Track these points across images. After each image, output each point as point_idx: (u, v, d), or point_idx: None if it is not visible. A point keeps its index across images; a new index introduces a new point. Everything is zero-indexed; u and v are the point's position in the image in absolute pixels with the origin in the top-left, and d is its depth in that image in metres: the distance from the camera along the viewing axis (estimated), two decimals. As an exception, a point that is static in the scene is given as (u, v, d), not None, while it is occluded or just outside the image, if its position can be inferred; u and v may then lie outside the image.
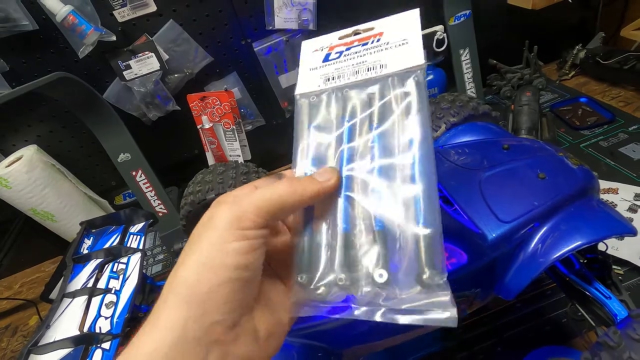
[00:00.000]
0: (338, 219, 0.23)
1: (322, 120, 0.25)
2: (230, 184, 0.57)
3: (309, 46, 0.29)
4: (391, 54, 0.26)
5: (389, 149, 0.24)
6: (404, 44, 0.26)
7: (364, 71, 0.26)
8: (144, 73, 0.74)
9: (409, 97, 0.24)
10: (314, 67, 0.27)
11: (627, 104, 0.86)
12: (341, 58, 0.27)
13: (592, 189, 0.39)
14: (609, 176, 0.70)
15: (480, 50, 0.96)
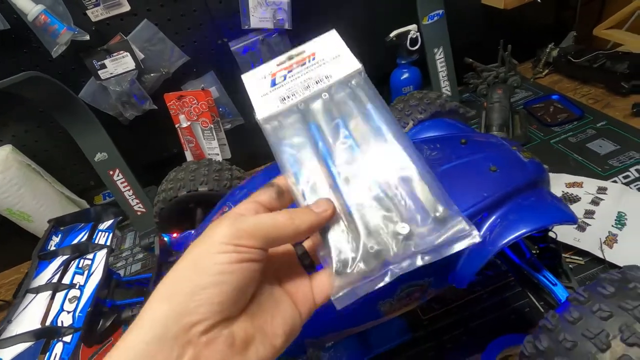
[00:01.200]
0: (342, 202, 0.25)
1: (293, 136, 0.27)
2: (202, 181, 0.58)
3: (251, 77, 0.31)
4: (330, 67, 0.29)
5: (362, 134, 0.27)
6: (337, 57, 0.30)
7: (313, 84, 0.29)
8: (119, 72, 0.74)
9: (359, 92, 0.28)
10: (265, 93, 0.29)
11: (596, 101, 0.89)
12: (287, 80, 0.29)
13: (542, 181, 0.40)
14: (576, 171, 0.72)
15: (457, 49, 0.98)
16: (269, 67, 0.31)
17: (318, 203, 0.25)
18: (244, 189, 0.44)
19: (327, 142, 0.27)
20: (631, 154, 0.73)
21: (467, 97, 1.03)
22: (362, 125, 0.27)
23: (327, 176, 0.26)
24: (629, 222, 0.59)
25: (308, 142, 0.27)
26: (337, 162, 0.26)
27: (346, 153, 0.26)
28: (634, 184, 0.67)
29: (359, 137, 0.27)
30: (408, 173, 0.25)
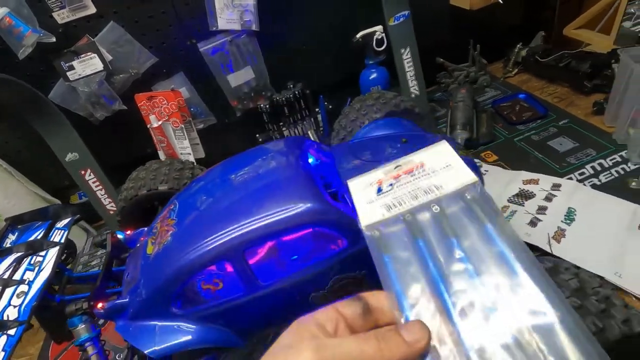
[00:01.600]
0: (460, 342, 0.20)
1: (398, 249, 0.25)
2: (162, 180, 0.59)
3: (358, 184, 0.30)
4: (441, 177, 0.27)
5: (481, 258, 0.22)
6: (448, 166, 0.28)
7: (422, 194, 0.26)
8: (87, 73, 0.75)
9: (475, 208, 0.25)
10: (371, 200, 0.28)
11: (561, 100, 0.90)
12: (394, 188, 0.28)
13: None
14: (536, 168, 0.74)
15: (428, 49, 1.00)
16: (376, 175, 0.30)
17: (411, 328, 0.21)
18: (200, 181, 0.45)
19: (439, 262, 0.23)
20: (588, 152, 0.75)
21: (439, 96, 1.05)
22: (481, 247, 0.23)
23: (439, 304, 0.22)
24: (578, 218, 0.61)
25: (415, 259, 0.24)
26: (450, 288, 0.22)
27: (462, 279, 0.22)
28: (589, 180, 0.69)
29: (477, 261, 0.22)
30: (547, 320, 0.19)
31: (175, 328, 0.38)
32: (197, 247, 0.36)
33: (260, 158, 0.44)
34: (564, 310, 0.20)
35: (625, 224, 0.58)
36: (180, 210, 0.42)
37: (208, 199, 0.41)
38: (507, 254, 0.22)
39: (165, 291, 0.37)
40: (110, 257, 0.46)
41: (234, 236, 0.35)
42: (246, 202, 0.38)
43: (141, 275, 0.39)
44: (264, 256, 0.39)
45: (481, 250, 0.23)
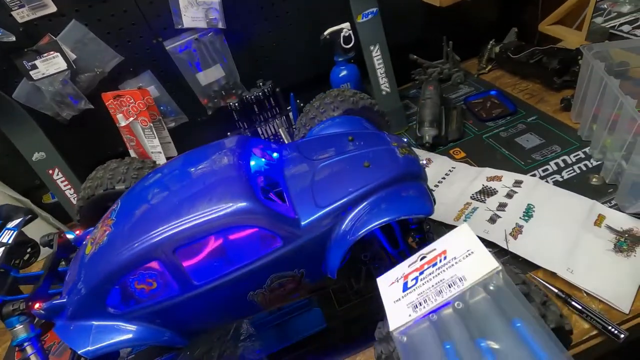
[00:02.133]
0: None
1: (426, 355, 0.25)
2: (119, 179, 0.59)
3: (385, 281, 0.31)
4: (463, 266, 0.27)
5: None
6: (470, 254, 0.28)
7: (446, 289, 0.27)
8: (51, 73, 0.75)
9: (501, 300, 0.24)
10: (397, 298, 0.29)
11: (532, 96, 0.91)
12: (419, 283, 0.29)
13: (412, 175, 0.42)
14: (501, 165, 0.74)
15: (402, 45, 1.00)
16: (402, 269, 0.31)
17: None
18: (142, 182, 0.45)
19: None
20: (554, 148, 0.75)
21: (414, 93, 1.05)
22: (512, 348, 0.22)
23: None
24: (536, 214, 0.62)
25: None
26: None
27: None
28: (551, 177, 0.69)
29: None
30: None
31: (111, 328, 0.38)
32: (128, 247, 0.36)
33: (201, 158, 0.44)
34: None
35: (581, 220, 0.58)
36: (120, 210, 0.42)
37: (145, 199, 0.41)
38: (541, 355, 0.22)
39: (100, 291, 0.37)
40: (56, 257, 0.46)
41: (163, 236, 0.35)
42: (179, 202, 0.38)
43: (77, 276, 0.39)
44: (199, 255, 0.39)
45: (513, 352, 0.22)
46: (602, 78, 0.63)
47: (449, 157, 0.80)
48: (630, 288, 0.49)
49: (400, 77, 0.92)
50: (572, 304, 0.49)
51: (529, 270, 0.55)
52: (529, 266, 0.55)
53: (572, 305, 0.49)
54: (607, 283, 0.50)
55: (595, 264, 0.53)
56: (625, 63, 0.75)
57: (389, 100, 0.89)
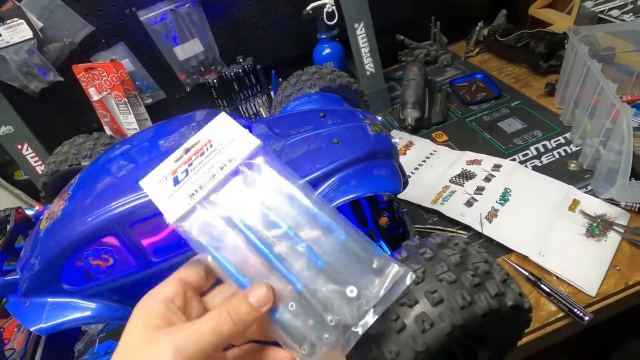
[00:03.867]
0: (290, 288, 0.25)
1: (213, 232, 0.26)
2: (85, 155, 0.57)
3: (150, 182, 0.30)
4: (230, 150, 0.28)
5: (282, 211, 0.27)
6: (234, 139, 0.29)
7: (219, 171, 0.27)
8: (16, 41, 0.70)
9: (267, 170, 0.28)
10: (170, 194, 0.28)
11: (517, 81, 0.89)
12: (190, 175, 0.28)
13: (382, 153, 0.41)
14: (482, 148, 0.74)
15: (391, 25, 0.97)
16: (168, 166, 0.29)
17: (255, 292, 0.24)
18: (102, 156, 0.43)
19: (257, 231, 0.26)
20: (535, 133, 0.75)
21: (400, 74, 1.03)
22: (286, 206, 0.27)
23: (264, 262, 0.26)
24: (512, 198, 0.61)
25: (230, 233, 0.26)
26: (267, 244, 0.26)
27: (278, 237, 0.26)
28: (531, 161, 0.69)
29: (282, 215, 0.27)
30: (339, 238, 0.26)
31: (67, 305, 0.37)
32: (81, 222, 0.34)
33: (168, 131, 0.42)
34: (348, 227, 0.26)
35: (556, 205, 0.58)
36: (77, 184, 0.40)
37: (104, 173, 0.39)
38: (302, 201, 0.27)
39: (53, 267, 0.36)
40: (12, 233, 0.44)
41: (118, 211, 0.34)
42: (137, 176, 0.36)
43: (31, 251, 0.38)
44: (163, 232, 0.37)
45: (283, 205, 0.27)
46: (585, 62, 0.62)
47: (430, 140, 0.79)
48: (598, 272, 0.50)
49: (386, 58, 0.90)
50: (541, 287, 0.49)
51: (503, 253, 0.55)
52: (502, 249, 0.55)
53: (540, 288, 0.49)
54: (577, 267, 0.51)
55: (566, 248, 0.53)
56: (611, 48, 0.74)
57: (373, 81, 0.87)
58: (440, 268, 0.30)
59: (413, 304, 0.28)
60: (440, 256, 0.31)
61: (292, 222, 0.26)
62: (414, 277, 0.25)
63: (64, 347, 0.44)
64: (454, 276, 0.29)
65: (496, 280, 0.30)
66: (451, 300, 0.28)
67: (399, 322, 0.28)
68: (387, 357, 0.28)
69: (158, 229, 0.37)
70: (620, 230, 0.53)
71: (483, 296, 0.28)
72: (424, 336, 0.27)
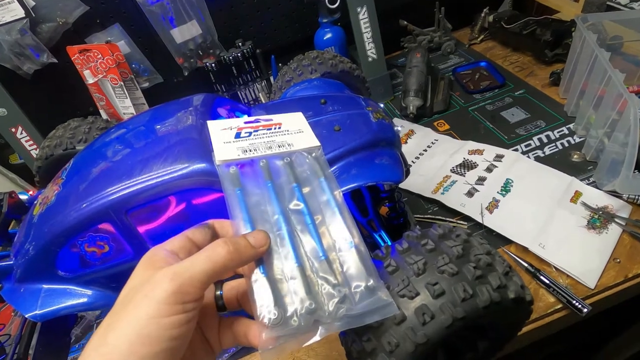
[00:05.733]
0: (290, 257, 0.26)
1: (249, 186, 0.29)
2: (80, 139, 0.55)
3: (217, 126, 0.33)
4: (293, 138, 0.33)
5: (313, 201, 0.30)
6: (300, 132, 0.34)
7: (276, 147, 0.31)
8: (7, 20, 0.68)
9: (315, 165, 0.31)
10: (228, 140, 0.31)
11: (522, 69, 0.88)
12: (252, 137, 0.32)
13: (384, 141, 0.40)
14: (484, 138, 0.73)
15: (394, 10, 0.95)
16: (237, 122, 0.34)
17: (255, 234, 0.26)
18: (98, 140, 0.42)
19: (282, 201, 0.29)
20: (538, 123, 0.74)
21: (402, 61, 1.01)
22: (315, 194, 0.30)
23: (275, 226, 0.27)
24: (513, 189, 0.61)
25: (262, 195, 0.29)
26: (288, 221, 0.28)
27: (297, 215, 0.28)
28: (533, 152, 0.68)
29: (310, 203, 0.29)
30: (348, 244, 0.28)
31: (62, 291, 0.37)
32: (75, 208, 0.34)
33: (165, 115, 0.40)
34: (358, 239, 0.28)
35: (558, 196, 0.58)
36: (71, 169, 0.39)
37: (98, 158, 0.38)
38: (330, 200, 0.30)
39: (48, 254, 0.35)
40: (6, 218, 0.43)
41: (113, 197, 0.33)
42: (133, 162, 0.35)
43: (25, 237, 0.37)
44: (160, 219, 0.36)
45: (315, 196, 0.30)
46: (593, 51, 0.61)
47: (432, 129, 0.78)
48: (598, 264, 0.50)
49: (388, 44, 0.88)
50: (540, 278, 0.49)
51: (503, 244, 0.55)
52: (502, 240, 0.55)
53: (540, 279, 0.49)
54: (577, 259, 0.50)
55: (566, 240, 0.52)
56: (619, 37, 0.72)
57: (374, 67, 0.85)
58: (442, 260, 0.29)
59: (414, 296, 0.28)
60: (441, 247, 0.30)
61: (314, 209, 0.29)
62: (397, 312, 0.26)
63: (61, 333, 0.43)
64: (455, 268, 0.29)
65: (498, 273, 0.29)
66: (452, 293, 0.27)
67: (399, 314, 0.28)
68: (386, 349, 0.28)
69: (155, 216, 0.36)
70: (621, 223, 0.53)
71: (485, 289, 0.28)
72: (424, 328, 0.27)
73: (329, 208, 0.29)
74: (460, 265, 0.29)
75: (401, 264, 0.30)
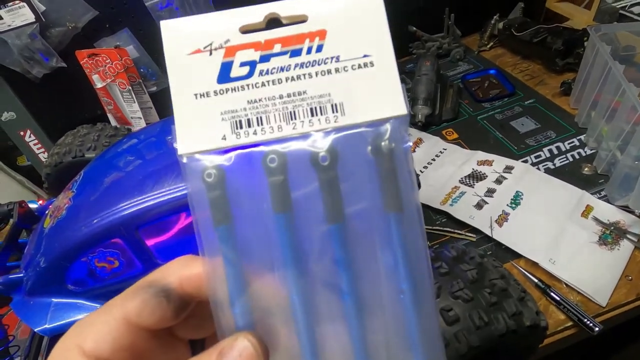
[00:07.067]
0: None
1: (243, 213, 0.14)
2: (89, 147, 0.56)
3: (181, 35, 0.15)
4: (348, 84, 0.14)
5: (362, 266, 0.14)
6: (368, 64, 0.15)
7: (306, 117, 0.14)
8: (18, 25, 0.68)
9: (383, 171, 0.14)
10: (204, 91, 0.14)
11: (532, 78, 0.87)
12: (255, 78, 0.14)
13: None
14: (493, 149, 0.72)
15: (403, 15, 0.94)
16: (227, 27, 0.15)
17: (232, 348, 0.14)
18: (109, 152, 0.42)
19: (304, 260, 0.14)
20: (549, 134, 0.73)
21: (410, 67, 1.00)
22: (372, 246, 0.14)
23: (290, 310, 0.14)
24: (524, 202, 0.60)
25: (267, 241, 0.14)
26: (311, 305, 0.14)
27: (329, 292, 0.14)
28: (543, 163, 0.67)
29: (359, 268, 0.14)
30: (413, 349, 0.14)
31: (72, 305, 0.37)
32: (86, 224, 0.34)
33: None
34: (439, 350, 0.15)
35: (569, 211, 0.57)
36: (81, 182, 0.39)
37: (109, 171, 0.38)
38: (399, 261, 0.14)
39: (58, 268, 0.35)
40: (16, 227, 0.43)
41: (124, 214, 0.33)
42: (144, 176, 0.35)
43: (35, 249, 0.37)
44: (168, 233, 0.36)
45: (373, 254, 0.14)
46: (607, 62, 0.60)
47: (441, 138, 0.77)
48: (609, 281, 0.49)
49: (396, 50, 0.87)
50: (550, 295, 0.49)
51: (512, 258, 0.54)
52: (512, 254, 0.55)
53: (550, 296, 0.49)
54: (588, 275, 0.50)
55: (577, 255, 0.52)
56: (631, 47, 0.71)
57: (383, 74, 0.85)
58: (457, 285, 0.29)
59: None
60: (456, 271, 0.30)
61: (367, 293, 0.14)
62: None
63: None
64: (470, 294, 0.28)
65: (513, 299, 0.29)
66: (467, 320, 0.27)
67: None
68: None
69: (164, 230, 0.36)
70: (633, 239, 0.52)
71: (500, 316, 0.27)
72: (438, 356, 0.26)
73: (394, 276, 0.14)
74: (475, 291, 0.28)
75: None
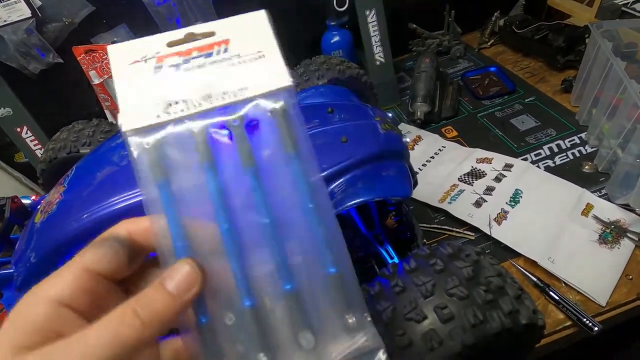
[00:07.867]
0: (236, 294, 0.18)
1: (178, 173, 0.18)
2: (84, 143, 0.55)
3: (123, 53, 0.20)
4: (247, 71, 0.20)
5: (275, 197, 0.19)
6: (260, 57, 0.20)
7: (219, 95, 0.19)
8: (13, 20, 0.68)
9: (282, 133, 0.19)
10: (142, 86, 0.19)
11: (532, 75, 0.86)
12: (180, 73, 0.19)
13: (392, 153, 0.39)
14: (493, 146, 0.71)
15: (402, 12, 0.93)
16: (155, 45, 0.20)
17: (174, 273, 0.17)
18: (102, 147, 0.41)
19: (228, 199, 0.19)
20: (549, 132, 0.72)
21: (410, 65, 0.99)
22: (278, 182, 0.20)
23: (220, 242, 0.18)
24: (523, 200, 0.59)
25: (199, 189, 0.18)
26: (237, 232, 0.18)
27: (251, 221, 0.19)
28: (543, 161, 0.67)
29: (272, 200, 0.19)
30: (327, 267, 0.19)
31: (62, 301, 0.36)
32: (76, 219, 0.33)
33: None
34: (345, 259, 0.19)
35: (569, 209, 0.56)
36: (73, 177, 0.38)
37: (101, 165, 0.37)
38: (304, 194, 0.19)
39: (48, 264, 0.35)
40: (8, 223, 0.43)
41: (115, 209, 0.32)
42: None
43: (26, 245, 0.37)
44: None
45: (280, 187, 0.19)
46: (608, 59, 0.59)
47: (440, 136, 0.76)
48: (609, 281, 0.48)
49: (396, 47, 0.86)
50: (549, 294, 0.48)
51: (510, 257, 0.54)
52: (510, 253, 0.54)
53: (549, 295, 0.48)
54: (587, 275, 0.49)
55: (577, 254, 0.51)
56: (633, 44, 0.70)
57: (382, 71, 0.84)
58: (451, 282, 0.28)
59: (421, 320, 0.27)
60: (451, 268, 0.30)
61: (279, 209, 0.19)
62: (385, 358, 0.19)
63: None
64: (465, 291, 0.28)
65: (510, 297, 0.28)
66: (462, 318, 0.26)
67: (405, 338, 0.27)
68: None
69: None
70: (634, 238, 0.51)
71: (496, 314, 0.27)
72: (431, 355, 0.26)
73: (298, 208, 0.19)
74: (471, 288, 0.28)
75: (409, 284, 0.29)
